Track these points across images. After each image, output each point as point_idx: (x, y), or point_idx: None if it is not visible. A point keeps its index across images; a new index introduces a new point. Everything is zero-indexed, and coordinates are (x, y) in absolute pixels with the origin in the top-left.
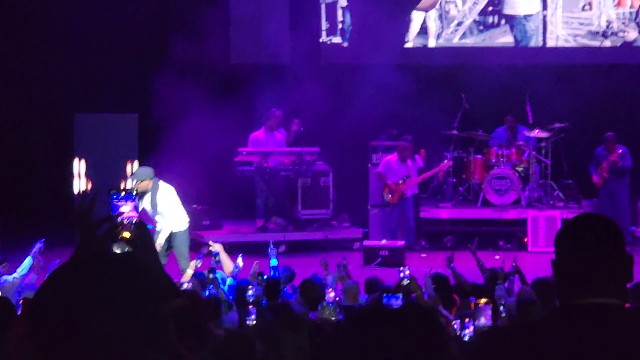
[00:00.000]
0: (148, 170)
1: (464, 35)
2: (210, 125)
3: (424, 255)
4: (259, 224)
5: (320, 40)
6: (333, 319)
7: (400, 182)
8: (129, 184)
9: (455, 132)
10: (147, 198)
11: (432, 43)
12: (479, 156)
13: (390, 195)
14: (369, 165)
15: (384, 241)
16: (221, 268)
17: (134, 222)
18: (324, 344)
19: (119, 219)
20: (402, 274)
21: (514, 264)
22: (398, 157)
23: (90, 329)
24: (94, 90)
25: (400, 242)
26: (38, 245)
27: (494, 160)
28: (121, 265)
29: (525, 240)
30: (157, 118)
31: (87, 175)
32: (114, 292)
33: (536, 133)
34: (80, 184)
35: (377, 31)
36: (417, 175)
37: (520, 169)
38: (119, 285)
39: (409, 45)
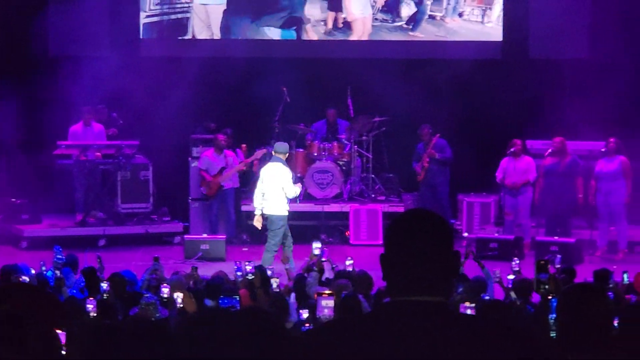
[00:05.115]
0: (284, 146)
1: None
2: (28, 119)
3: (245, 249)
4: (79, 218)
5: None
6: (155, 315)
7: (217, 174)
8: None
9: (277, 125)
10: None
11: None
12: (301, 150)
13: (207, 188)
14: (189, 158)
15: (204, 235)
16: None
17: None
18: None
19: None
20: (244, 269)
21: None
22: (215, 150)
23: None
24: None
25: (222, 236)
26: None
27: (316, 154)
28: None
29: (347, 233)
30: None
31: None
32: None
33: (358, 124)
34: None
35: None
36: None
37: (342, 163)
38: None
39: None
